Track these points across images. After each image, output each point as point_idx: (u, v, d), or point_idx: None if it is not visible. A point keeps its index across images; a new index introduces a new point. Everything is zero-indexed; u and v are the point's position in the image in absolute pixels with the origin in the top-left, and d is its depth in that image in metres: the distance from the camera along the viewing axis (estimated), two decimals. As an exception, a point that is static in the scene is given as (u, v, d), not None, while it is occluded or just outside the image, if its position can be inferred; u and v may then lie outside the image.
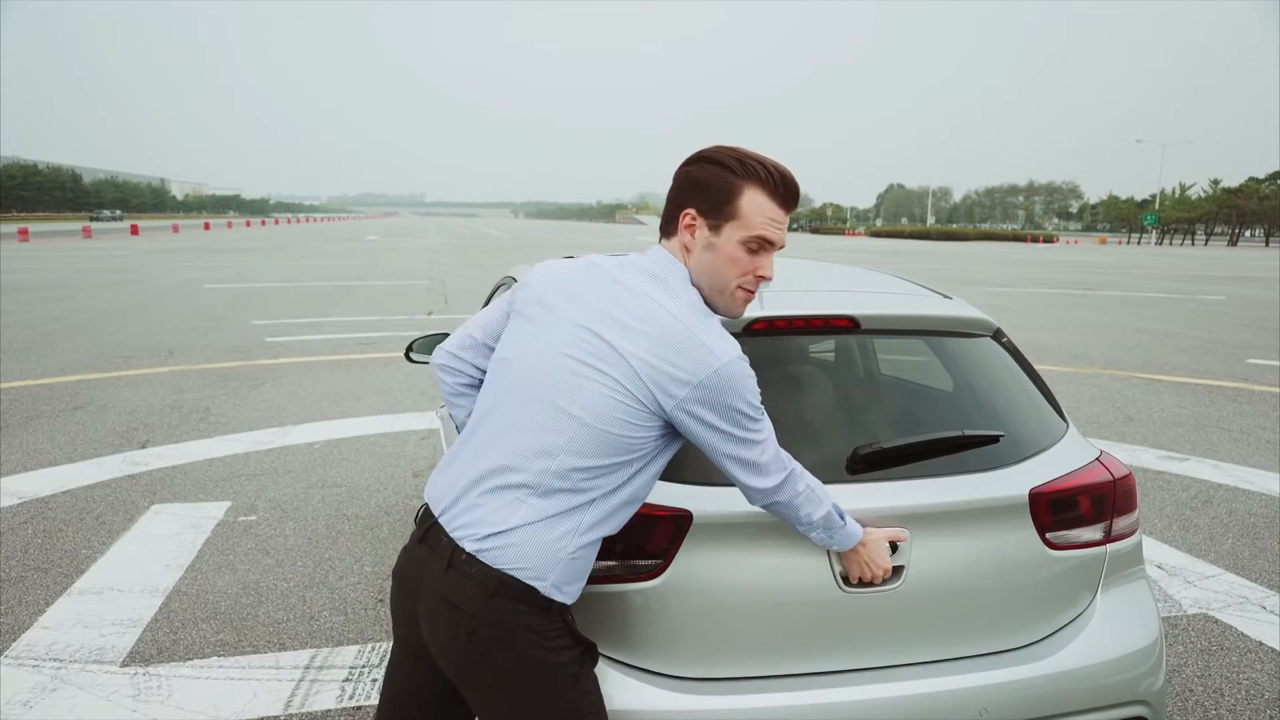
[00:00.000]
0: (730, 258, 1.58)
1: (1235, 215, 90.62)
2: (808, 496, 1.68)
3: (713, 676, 1.83)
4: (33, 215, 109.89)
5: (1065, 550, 2.01)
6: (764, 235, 1.58)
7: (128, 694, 3.01)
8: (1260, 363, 10.57)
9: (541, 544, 1.53)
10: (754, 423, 1.57)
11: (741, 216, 1.57)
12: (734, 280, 1.60)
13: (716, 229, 1.58)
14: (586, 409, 1.51)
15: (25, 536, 4.47)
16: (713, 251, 1.59)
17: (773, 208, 1.58)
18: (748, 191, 1.57)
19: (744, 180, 1.57)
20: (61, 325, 12.10)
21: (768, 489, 1.62)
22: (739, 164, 1.57)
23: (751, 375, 1.55)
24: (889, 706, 1.84)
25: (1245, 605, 3.83)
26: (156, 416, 6.99)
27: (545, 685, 1.56)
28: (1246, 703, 3.05)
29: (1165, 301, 18.97)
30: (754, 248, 1.59)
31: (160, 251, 33.51)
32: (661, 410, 1.53)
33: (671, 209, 1.64)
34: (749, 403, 1.55)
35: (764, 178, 1.57)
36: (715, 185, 1.57)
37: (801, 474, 1.67)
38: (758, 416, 1.57)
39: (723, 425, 1.54)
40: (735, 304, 1.64)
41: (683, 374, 1.50)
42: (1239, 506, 5.18)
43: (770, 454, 1.61)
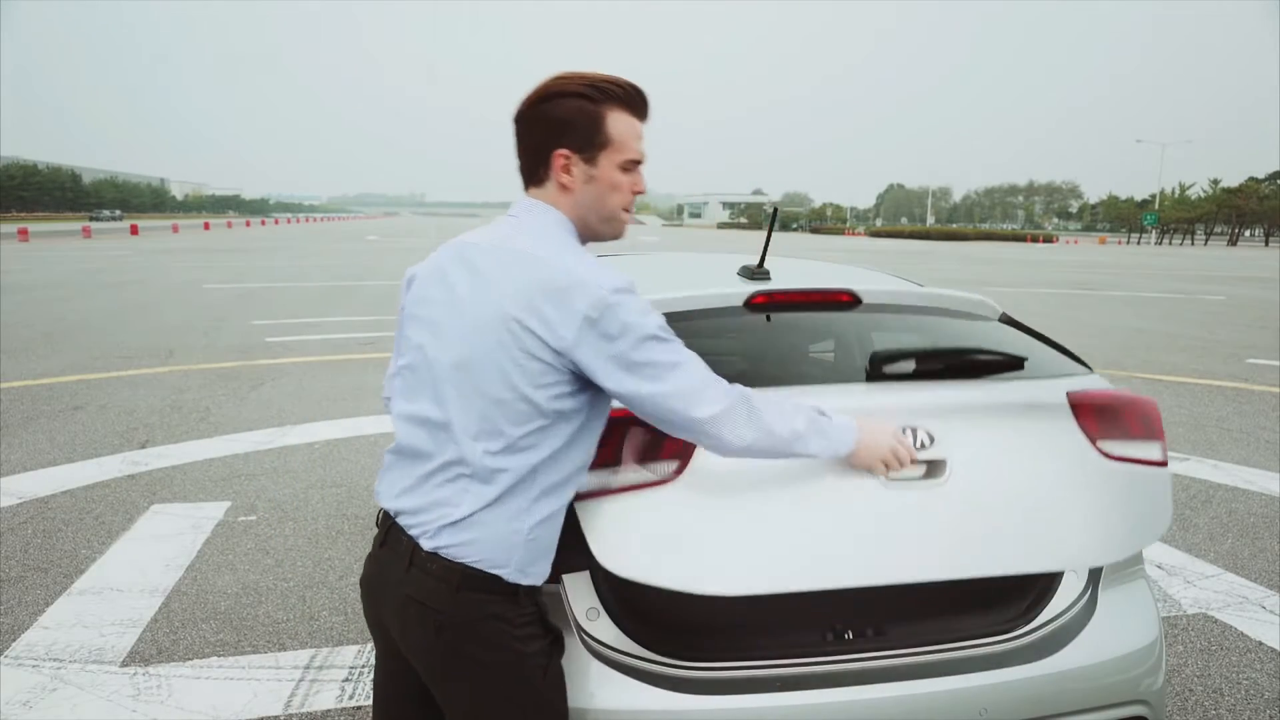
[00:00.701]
0: (612, 184, 1.59)
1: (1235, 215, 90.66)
2: (777, 412, 1.58)
3: (746, 593, 1.70)
4: (33, 215, 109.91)
5: (1123, 463, 1.88)
6: (635, 157, 1.60)
7: (128, 694, 3.01)
8: (1260, 363, 10.57)
9: (494, 530, 1.53)
10: (662, 344, 1.50)
11: (613, 142, 1.56)
12: (619, 204, 1.61)
13: (592, 160, 1.57)
14: (492, 382, 1.50)
15: (25, 536, 4.47)
16: (594, 183, 1.58)
17: (635, 124, 1.59)
18: (611, 115, 1.56)
19: (604, 104, 1.55)
20: (61, 325, 12.10)
21: (713, 415, 1.51)
22: (595, 89, 1.55)
23: (644, 303, 1.51)
24: (889, 706, 1.84)
25: (1245, 605, 3.83)
26: (156, 416, 6.99)
27: (514, 676, 1.57)
28: (1246, 703, 3.06)
29: (1165, 301, 18.97)
30: (629, 168, 1.60)
31: (160, 251, 33.51)
32: (560, 359, 1.49)
33: (534, 155, 1.59)
34: (647, 325, 1.49)
35: (622, 97, 1.57)
36: (578, 118, 1.55)
37: (753, 394, 1.57)
38: (665, 338, 1.51)
39: (628, 353, 1.48)
40: (621, 226, 1.65)
41: (568, 313, 1.47)
42: (1239, 506, 5.18)
43: (698, 376, 1.52)
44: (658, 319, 1.51)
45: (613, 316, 1.46)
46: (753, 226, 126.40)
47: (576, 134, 1.55)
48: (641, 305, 1.50)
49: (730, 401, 1.53)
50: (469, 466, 1.53)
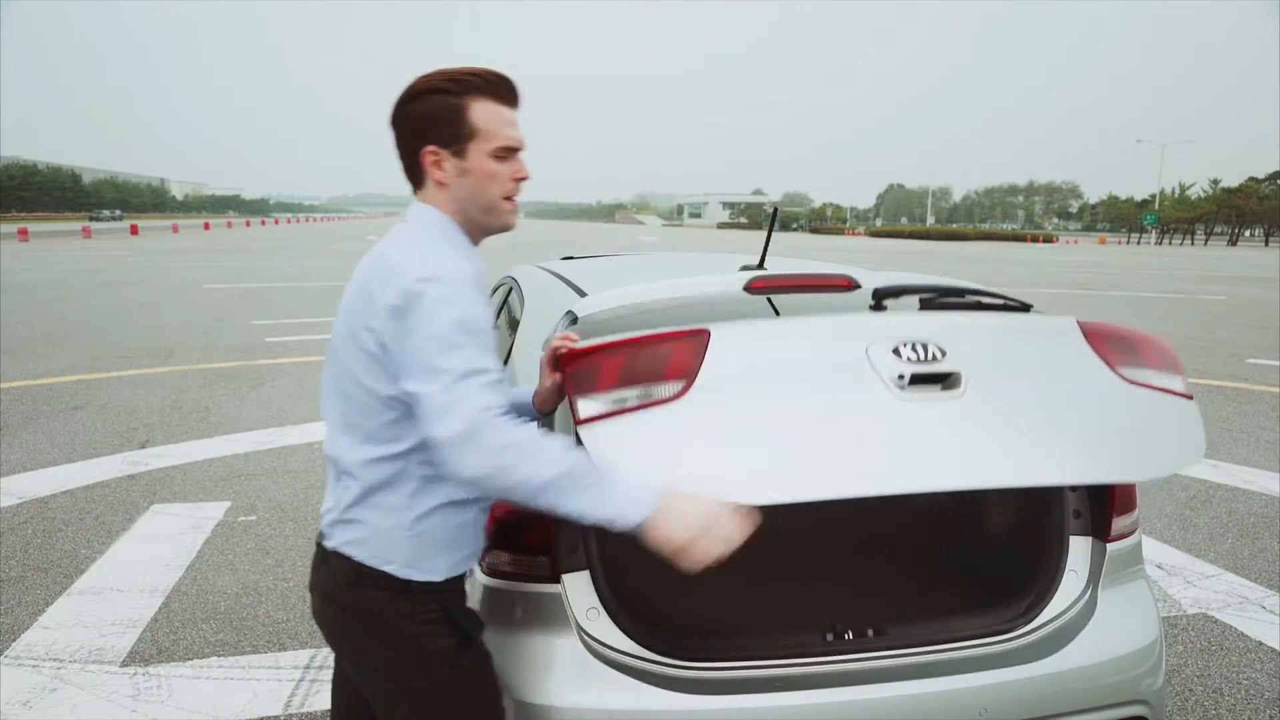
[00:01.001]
0: (488, 174, 1.56)
1: (1235, 215, 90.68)
2: (540, 458, 1.38)
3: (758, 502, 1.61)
4: (33, 215, 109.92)
5: (1144, 388, 1.81)
6: (507, 144, 1.56)
7: (128, 694, 3.01)
8: (1260, 363, 10.57)
9: (375, 526, 1.55)
10: (451, 350, 1.39)
11: (480, 131, 1.54)
12: (498, 193, 1.58)
13: (461, 153, 1.55)
14: (343, 378, 1.55)
15: (25, 536, 4.47)
16: (468, 176, 1.56)
17: (503, 110, 1.57)
18: (473, 105, 1.53)
19: (465, 96, 1.53)
20: (61, 325, 12.10)
21: (448, 439, 1.37)
22: (453, 83, 1.53)
23: (452, 294, 1.43)
24: (889, 706, 1.84)
25: (1245, 605, 3.83)
26: (156, 416, 6.99)
27: (418, 672, 1.58)
28: (1246, 702, 3.06)
29: (1165, 301, 18.97)
30: (503, 156, 1.57)
31: (160, 251, 33.51)
32: (384, 351, 1.47)
33: (408, 156, 1.58)
34: (437, 319, 1.41)
35: (483, 85, 1.54)
36: (441, 113, 1.53)
37: (527, 434, 1.40)
38: (458, 343, 1.40)
39: (417, 346, 1.41)
40: (507, 215, 1.62)
41: (381, 303, 1.45)
42: (1239, 506, 5.18)
43: (457, 393, 1.38)
44: (455, 313, 1.42)
45: (413, 305, 1.42)
46: (753, 226, 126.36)
47: (441, 129, 1.53)
48: (444, 295, 1.42)
49: (467, 426, 1.37)
50: (342, 463, 1.58)
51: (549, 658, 1.81)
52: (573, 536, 1.88)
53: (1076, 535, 2.14)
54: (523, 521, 1.88)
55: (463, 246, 1.58)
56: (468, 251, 1.58)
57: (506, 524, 1.88)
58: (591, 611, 1.85)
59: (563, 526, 1.89)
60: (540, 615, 1.85)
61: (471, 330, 1.43)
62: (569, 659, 1.81)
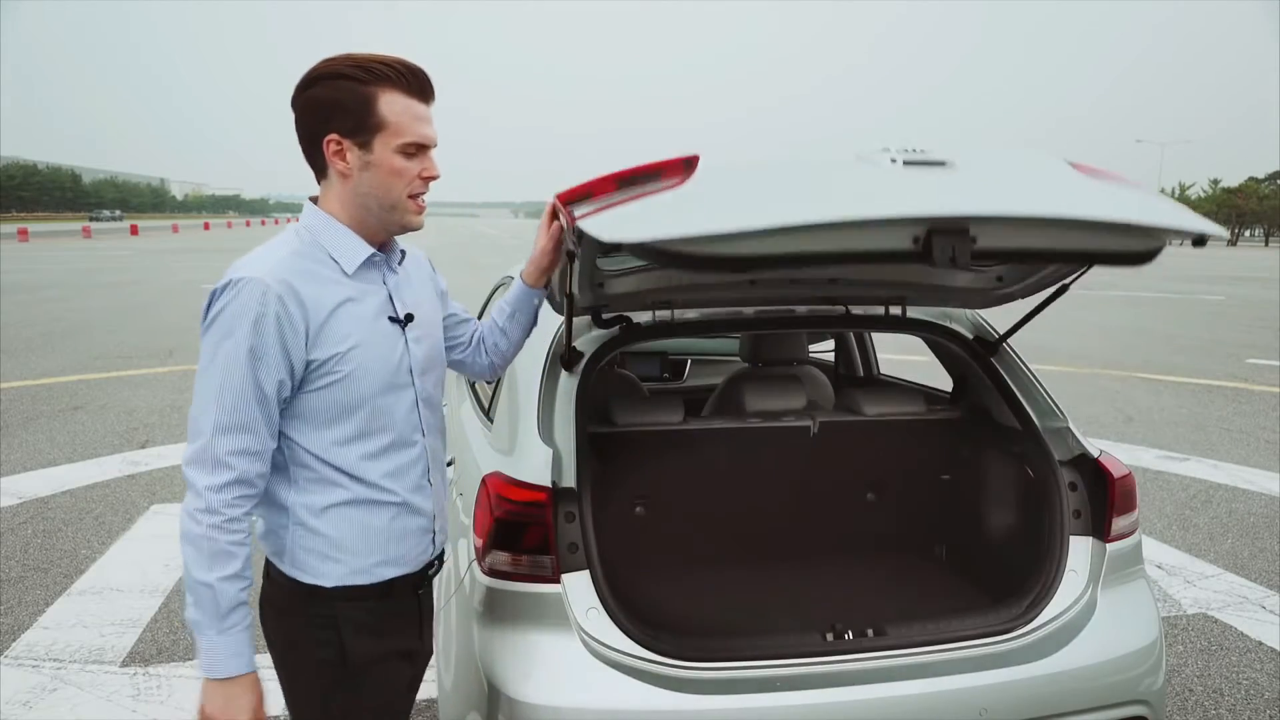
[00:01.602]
0: (392, 170, 1.47)
1: (1235, 215, 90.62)
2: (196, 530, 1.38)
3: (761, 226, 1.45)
4: (32, 215, 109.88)
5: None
6: (417, 140, 1.47)
7: (128, 694, 3.01)
8: (1260, 363, 10.57)
9: (267, 521, 1.54)
10: (208, 360, 1.40)
11: (389, 125, 1.44)
12: (403, 191, 1.49)
13: (367, 146, 1.45)
14: None
15: (25, 536, 4.47)
16: (371, 170, 1.46)
17: (415, 105, 1.47)
18: (383, 96, 1.44)
19: (374, 86, 1.43)
20: (61, 325, 12.10)
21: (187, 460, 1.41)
22: (363, 70, 1.43)
23: (238, 307, 1.39)
24: (888, 706, 1.84)
25: (1245, 605, 3.83)
26: (156, 416, 6.99)
27: (299, 678, 1.57)
28: (1246, 703, 3.05)
29: (1165, 301, 18.97)
30: (411, 152, 1.47)
31: (160, 252, 33.49)
32: None
33: (309, 143, 1.48)
34: (209, 333, 1.41)
35: (394, 77, 1.45)
36: (346, 101, 1.43)
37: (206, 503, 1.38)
38: (211, 350, 1.40)
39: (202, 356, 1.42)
40: (411, 215, 1.53)
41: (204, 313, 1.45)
42: (1239, 506, 5.18)
43: (197, 410, 1.41)
44: (228, 327, 1.39)
45: (206, 309, 1.42)
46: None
47: (346, 117, 1.43)
48: (225, 307, 1.39)
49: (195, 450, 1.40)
50: None
51: (549, 658, 1.81)
52: (573, 537, 1.88)
53: (1076, 535, 2.14)
54: (522, 522, 1.88)
55: (321, 260, 1.48)
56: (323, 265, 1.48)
57: (506, 524, 1.88)
58: (591, 611, 1.85)
59: (563, 527, 1.89)
60: (540, 615, 1.85)
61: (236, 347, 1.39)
62: (569, 659, 1.81)
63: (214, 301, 1.41)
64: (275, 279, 1.40)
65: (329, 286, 1.46)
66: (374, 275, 1.54)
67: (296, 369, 1.43)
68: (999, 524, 2.57)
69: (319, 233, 1.50)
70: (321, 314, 1.44)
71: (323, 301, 1.44)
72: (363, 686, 1.56)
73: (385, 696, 1.62)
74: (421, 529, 1.61)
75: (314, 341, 1.43)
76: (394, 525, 1.55)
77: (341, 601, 1.52)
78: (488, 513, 1.92)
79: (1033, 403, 2.37)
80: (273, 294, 1.39)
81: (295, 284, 1.41)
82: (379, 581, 1.54)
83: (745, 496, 2.71)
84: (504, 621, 1.87)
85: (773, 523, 2.81)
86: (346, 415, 1.49)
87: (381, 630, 1.57)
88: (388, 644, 1.58)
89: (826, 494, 2.77)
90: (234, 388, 1.38)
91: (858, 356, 3.93)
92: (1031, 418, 2.33)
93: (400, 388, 1.55)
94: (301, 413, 1.47)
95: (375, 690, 1.58)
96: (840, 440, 2.65)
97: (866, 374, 3.91)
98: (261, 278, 1.39)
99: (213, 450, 1.38)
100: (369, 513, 1.52)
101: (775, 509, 2.78)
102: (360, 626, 1.53)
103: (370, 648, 1.55)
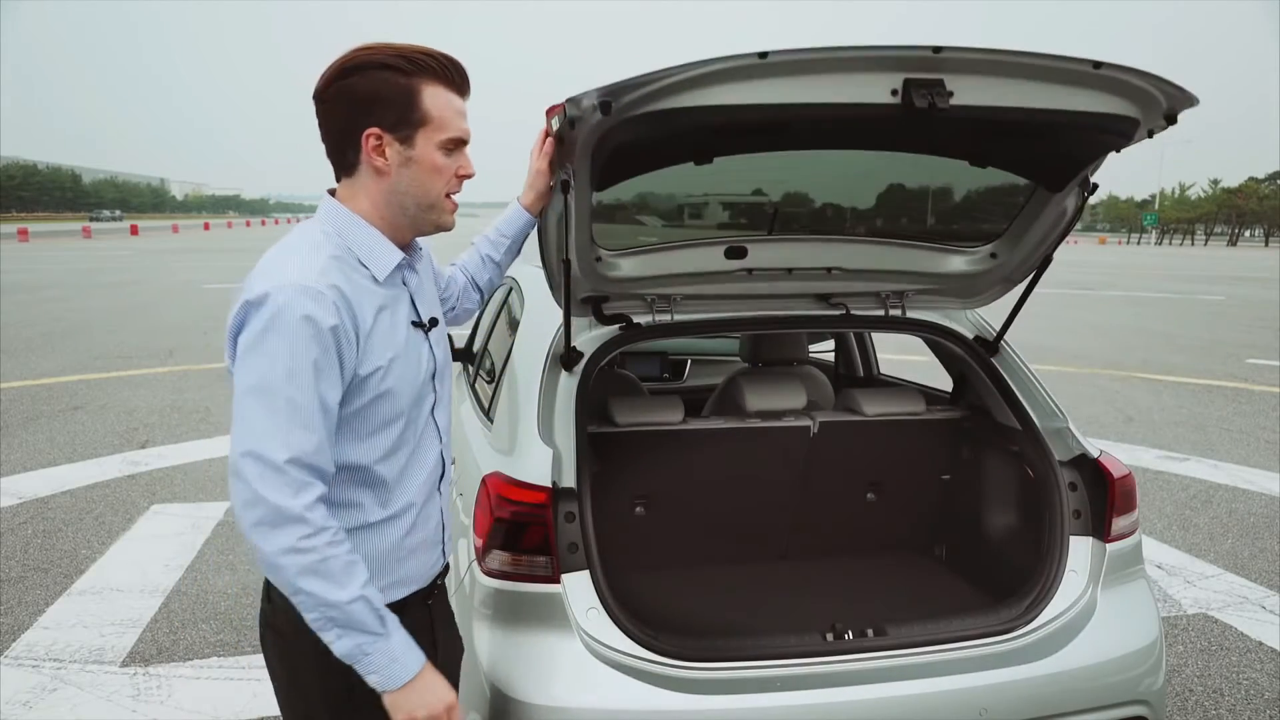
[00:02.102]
0: (434, 167, 1.41)
1: (1235, 215, 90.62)
2: (311, 558, 1.25)
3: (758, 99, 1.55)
4: (32, 215, 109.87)
5: None
6: (458, 135, 1.42)
7: (128, 694, 3.01)
8: (1260, 363, 10.57)
9: None
10: (264, 376, 1.26)
11: (432, 119, 1.38)
12: (442, 189, 1.44)
13: (409, 141, 1.38)
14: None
15: (25, 536, 4.47)
16: (411, 167, 1.40)
17: (456, 100, 1.42)
18: (427, 89, 1.37)
19: (418, 78, 1.37)
20: (61, 325, 12.10)
21: (237, 501, 1.27)
22: (406, 61, 1.36)
23: (317, 319, 1.28)
24: (889, 706, 1.84)
25: (1245, 605, 3.83)
26: (156, 416, 6.99)
27: (301, 705, 1.50)
28: (1246, 703, 3.06)
29: (1165, 301, 18.97)
30: (451, 148, 1.42)
31: (160, 252, 33.50)
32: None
33: (342, 137, 1.40)
34: (277, 342, 1.26)
35: (438, 69, 1.39)
36: (389, 93, 1.35)
37: (311, 525, 1.26)
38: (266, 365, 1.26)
39: (239, 371, 1.30)
40: (446, 215, 1.48)
41: (229, 327, 1.33)
42: (1239, 506, 5.18)
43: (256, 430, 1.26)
44: (287, 340, 1.27)
45: (250, 321, 1.29)
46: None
47: (388, 110, 1.36)
48: (279, 318, 1.27)
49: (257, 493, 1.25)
50: None
51: (549, 658, 1.81)
52: (573, 537, 1.88)
53: (1076, 535, 2.14)
54: (522, 522, 1.88)
55: (354, 265, 1.39)
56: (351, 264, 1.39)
57: (507, 524, 1.88)
58: (591, 612, 1.85)
59: (563, 527, 1.89)
60: (540, 615, 1.85)
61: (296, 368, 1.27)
62: (569, 659, 1.81)
63: (259, 312, 1.28)
64: (327, 285, 1.31)
65: (366, 294, 1.38)
66: (397, 278, 1.47)
67: (345, 383, 1.34)
68: (999, 524, 2.57)
69: (346, 235, 1.41)
70: (367, 324, 1.36)
71: (366, 311, 1.37)
72: (373, 713, 1.42)
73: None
74: (432, 542, 1.57)
75: (362, 355, 1.36)
76: (406, 542, 1.50)
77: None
78: (488, 513, 1.92)
79: (1033, 402, 2.37)
80: (328, 302, 1.30)
81: (345, 291, 1.34)
82: (391, 602, 1.46)
83: (745, 496, 2.71)
84: (504, 622, 1.87)
85: (773, 523, 2.81)
86: (378, 431, 1.41)
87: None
88: None
89: (826, 494, 2.77)
90: (303, 405, 1.27)
91: (858, 356, 3.93)
92: (1031, 418, 2.33)
93: (424, 396, 1.49)
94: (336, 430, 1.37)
95: (382, 714, 1.44)
96: (840, 440, 2.65)
97: (866, 374, 3.91)
98: (312, 285, 1.29)
99: (290, 474, 1.26)
100: (383, 533, 1.47)
101: (775, 509, 2.77)
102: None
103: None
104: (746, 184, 2.46)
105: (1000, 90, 1.58)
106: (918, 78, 1.50)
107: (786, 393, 2.64)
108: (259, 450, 1.26)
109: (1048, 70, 1.56)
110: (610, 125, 1.55)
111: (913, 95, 1.50)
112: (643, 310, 2.31)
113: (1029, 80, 1.58)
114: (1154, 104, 1.65)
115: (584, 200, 1.82)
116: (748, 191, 2.50)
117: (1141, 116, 1.68)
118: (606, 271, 2.17)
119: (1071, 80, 1.59)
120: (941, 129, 1.78)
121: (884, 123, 1.64)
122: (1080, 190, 2.01)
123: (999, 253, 2.32)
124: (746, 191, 2.50)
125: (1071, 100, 1.62)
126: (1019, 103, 1.60)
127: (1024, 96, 1.60)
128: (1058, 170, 1.98)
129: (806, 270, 2.34)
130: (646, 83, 1.47)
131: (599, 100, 1.48)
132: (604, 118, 1.50)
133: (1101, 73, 1.55)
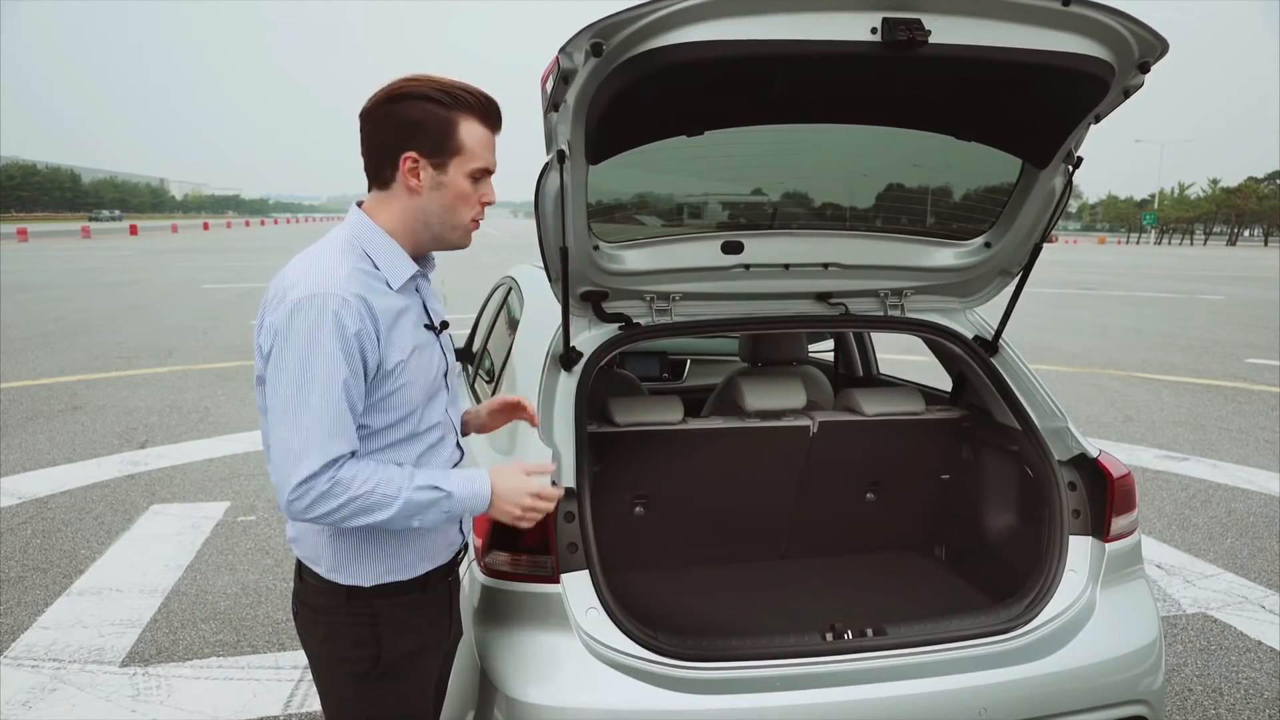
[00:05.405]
0: (461, 193, 1.55)
1: (1234, 215, 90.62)
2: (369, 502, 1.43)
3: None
4: (32, 215, 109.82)
5: None
6: (486, 167, 1.56)
7: (127, 694, 3.01)
8: (1260, 363, 10.57)
9: (302, 527, 1.58)
10: (296, 381, 1.40)
11: (465, 150, 1.52)
12: (468, 214, 1.58)
13: (442, 167, 1.52)
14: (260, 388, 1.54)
15: (25, 536, 4.47)
16: (441, 190, 1.54)
17: (487, 135, 1.56)
18: (464, 123, 1.51)
19: (457, 111, 1.51)
20: (61, 325, 12.09)
21: (295, 484, 1.40)
22: (448, 96, 1.51)
23: (346, 325, 1.42)
24: (888, 706, 1.84)
25: (1244, 605, 3.83)
26: (156, 416, 6.99)
27: (329, 676, 1.62)
28: (1246, 702, 3.06)
29: (1165, 301, 18.97)
30: (478, 177, 1.56)
31: (160, 252, 33.49)
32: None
33: (381, 155, 1.54)
34: (291, 342, 1.40)
35: (475, 105, 1.53)
36: (428, 122, 1.50)
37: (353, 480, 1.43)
38: (297, 370, 1.40)
39: (272, 371, 1.43)
40: (467, 236, 1.62)
41: (263, 322, 1.47)
42: (1238, 506, 5.18)
43: (291, 432, 1.40)
44: (318, 346, 1.40)
45: (284, 325, 1.42)
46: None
47: (426, 138, 1.50)
48: (311, 324, 1.40)
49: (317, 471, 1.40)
50: None
51: (549, 657, 1.82)
52: (572, 536, 1.88)
53: (1076, 535, 2.14)
54: None
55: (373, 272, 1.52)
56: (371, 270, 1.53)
57: (506, 525, 1.88)
58: (591, 611, 1.85)
59: (563, 527, 1.89)
60: (540, 615, 1.85)
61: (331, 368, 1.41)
62: (569, 659, 1.81)
63: (292, 319, 1.41)
64: (352, 293, 1.44)
65: (386, 299, 1.51)
66: (411, 286, 1.59)
67: (368, 381, 1.48)
68: (998, 524, 2.57)
69: (367, 244, 1.54)
70: (386, 327, 1.49)
71: (387, 314, 1.50)
72: (396, 684, 1.62)
73: (417, 693, 1.69)
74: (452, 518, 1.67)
75: (383, 355, 1.49)
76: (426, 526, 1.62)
77: (380, 599, 1.58)
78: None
79: (1032, 402, 2.37)
80: (352, 308, 1.43)
81: (369, 298, 1.46)
82: (417, 576, 1.61)
83: (745, 496, 2.71)
84: (503, 621, 1.87)
85: (772, 522, 2.81)
86: (395, 425, 1.54)
87: (417, 626, 1.63)
88: (422, 638, 1.65)
89: (826, 493, 2.77)
90: (331, 409, 1.41)
91: (857, 356, 3.93)
92: (1031, 417, 2.34)
93: (437, 392, 1.63)
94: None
95: (408, 687, 1.65)
96: (840, 440, 2.65)
97: (866, 374, 3.91)
98: (338, 292, 1.42)
99: (324, 474, 1.41)
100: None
101: (774, 509, 2.78)
102: (398, 624, 1.60)
103: (405, 644, 1.61)
104: (745, 184, 2.46)
105: (975, 29, 1.65)
106: (896, 16, 1.58)
107: (786, 392, 2.64)
108: (302, 446, 1.40)
109: (1020, 9, 1.63)
110: (604, 74, 1.61)
111: (893, 31, 1.58)
112: (642, 310, 2.31)
113: (1003, 21, 1.65)
114: (1125, 48, 1.71)
115: (580, 174, 1.86)
116: (746, 191, 2.50)
117: (1114, 61, 1.73)
118: (605, 264, 2.17)
119: (1044, 20, 1.66)
120: (923, 86, 1.85)
121: (866, 68, 1.71)
122: (1066, 167, 2.05)
123: (992, 241, 2.33)
124: (745, 191, 2.50)
125: (1044, 40, 1.68)
126: (994, 42, 1.66)
127: (999, 36, 1.66)
128: (1041, 143, 2.01)
129: (803, 266, 2.34)
130: (637, 17, 1.54)
131: (590, 43, 1.57)
132: (597, 63, 1.58)
133: (1071, 9, 1.62)
